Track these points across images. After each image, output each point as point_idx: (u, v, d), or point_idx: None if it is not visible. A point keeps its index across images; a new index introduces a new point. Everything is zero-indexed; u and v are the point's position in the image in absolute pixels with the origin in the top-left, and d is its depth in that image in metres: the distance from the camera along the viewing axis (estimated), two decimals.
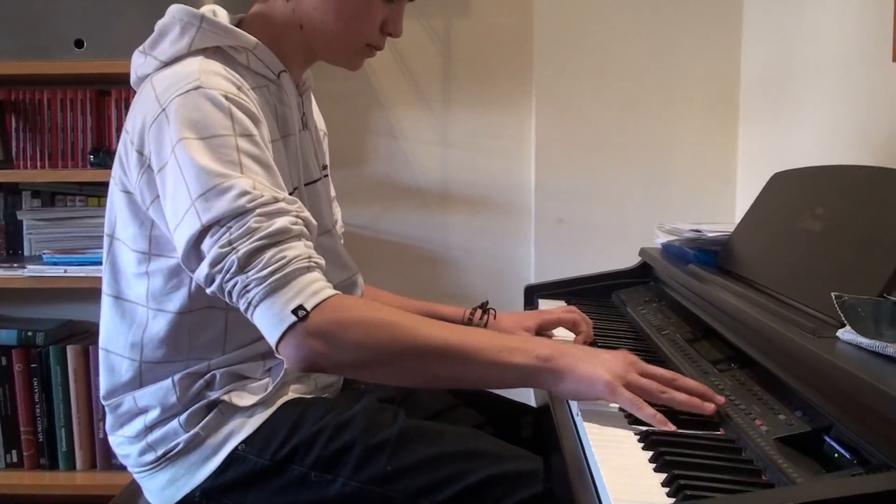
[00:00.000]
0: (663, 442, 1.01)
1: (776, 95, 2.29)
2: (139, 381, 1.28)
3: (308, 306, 1.10)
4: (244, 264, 1.10)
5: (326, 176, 1.50)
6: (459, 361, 1.14)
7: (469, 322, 1.59)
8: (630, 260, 2.01)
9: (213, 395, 1.25)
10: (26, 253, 2.52)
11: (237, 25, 1.31)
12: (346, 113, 2.61)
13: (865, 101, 1.79)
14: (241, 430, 1.24)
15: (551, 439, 1.14)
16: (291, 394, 1.30)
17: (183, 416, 1.24)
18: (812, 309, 1.20)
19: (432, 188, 2.65)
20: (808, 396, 1.04)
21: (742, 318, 1.29)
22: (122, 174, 1.25)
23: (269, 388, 1.26)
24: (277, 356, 1.14)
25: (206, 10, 1.28)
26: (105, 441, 1.36)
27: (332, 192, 1.58)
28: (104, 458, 2.44)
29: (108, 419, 1.32)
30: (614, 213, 2.57)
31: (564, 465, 1.03)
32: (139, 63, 1.30)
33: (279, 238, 1.12)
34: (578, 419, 1.12)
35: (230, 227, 1.11)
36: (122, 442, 1.31)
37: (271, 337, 1.12)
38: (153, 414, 1.26)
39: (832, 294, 1.07)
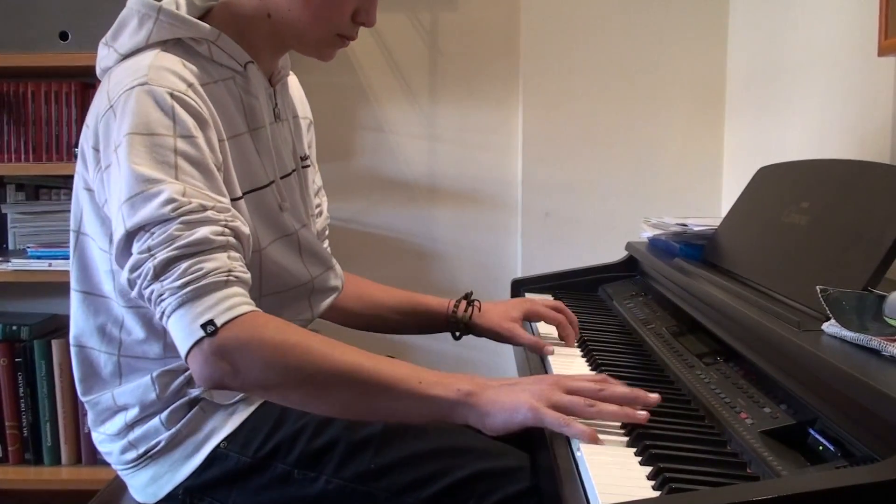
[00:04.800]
0: (649, 435, 1.02)
1: (762, 90, 2.30)
2: (119, 375, 1.26)
3: (218, 322, 1.07)
4: (160, 272, 1.08)
5: (306, 167, 1.47)
6: (374, 390, 1.10)
7: (454, 313, 1.57)
8: (616, 254, 2.02)
9: (194, 393, 1.23)
10: (10, 247, 2.51)
11: (204, 15, 1.28)
12: (333, 106, 2.60)
13: (851, 96, 1.80)
14: (223, 427, 1.22)
15: (537, 434, 1.14)
16: None
17: (164, 414, 1.23)
18: (797, 302, 1.21)
19: (419, 182, 2.65)
20: (792, 389, 1.04)
21: (727, 312, 1.29)
22: (84, 170, 1.24)
23: None
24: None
25: (168, 0, 1.25)
26: (90, 436, 1.36)
27: (319, 182, 1.56)
28: (89, 452, 2.43)
29: (90, 415, 1.31)
30: (601, 207, 2.57)
31: (550, 458, 1.03)
32: (103, 55, 1.28)
33: (198, 248, 1.09)
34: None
35: (153, 233, 1.09)
36: (104, 440, 1.30)
37: (181, 350, 1.09)
38: (133, 412, 1.25)
39: (817, 287, 1.08)
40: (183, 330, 1.08)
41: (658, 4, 2.53)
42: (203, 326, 1.06)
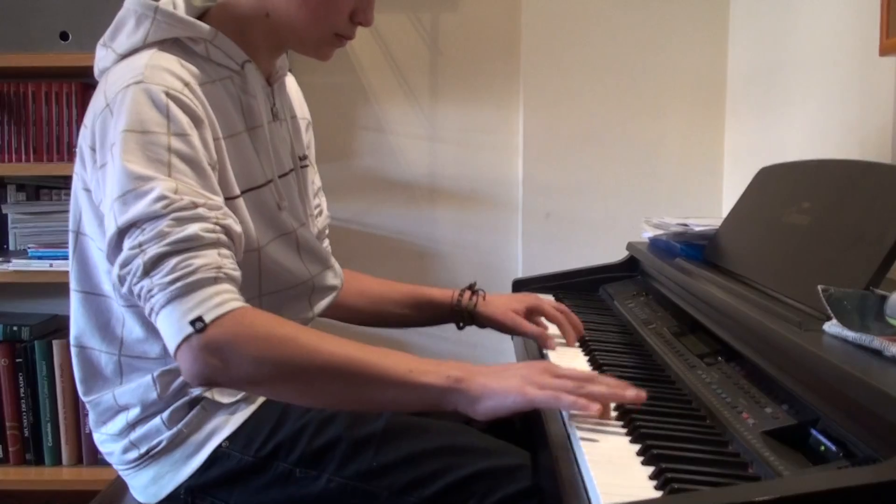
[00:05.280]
0: (651, 435, 1.02)
1: (763, 90, 2.30)
2: (120, 375, 1.26)
3: (207, 318, 1.06)
4: (149, 269, 1.08)
5: (305, 167, 1.47)
6: (365, 380, 1.10)
7: (458, 302, 1.57)
8: (617, 254, 2.02)
9: (195, 392, 1.23)
10: (11, 247, 2.51)
11: (202, 15, 1.29)
12: (334, 107, 2.60)
13: (852, 96, 1.79)
14: (224, 427, 1.23)
15: (539, 434, 1.14)
16: None
17: (165, 414, 1.23)
18: (798, 302, 1.21)
19: (420, 182, 2.65)
20: (794, 390, 1.04)
21: (729, 312, 1.29)
22: (83, 170, 1.24)
23: None
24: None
25: (165, 1, 1.25)
26: (91, 436, 1.36)
27: (318, 183, 1.56)
28: (90, 453, 2.43)
29: (91, 416, 1.32)
30: (602, 207, 2.57)
31: (552, 458, 1.03)
32: (101, 56, 1.28)
33: (188, 245, 1.09)
34: (566, 413, 1.12)
35: (143, 230, 1.09)
36: (106, 440, 1.30)
37: (169, 346, 1.08)
38: (134, 411, 1.25)
39: (818, 287, 1.08)
40: (172, 326, 1.07)
41: (659, 4, 2.53)
42: (192, 323, 1.06)
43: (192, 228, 1.09)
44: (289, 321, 1.15)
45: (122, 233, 1.11)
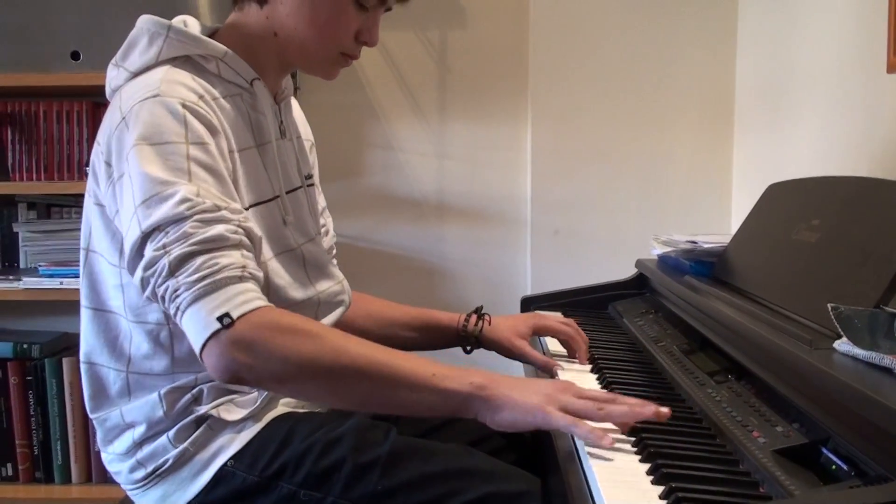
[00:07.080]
0: (661, 454, 1.01)
1: (771, 106, 2.30)
2: (128, 393, 1.26)
3: (234, 314, 1.07)
4: (175, 268, 1.09)
5: (311, 185, 1.48)
6: (389, 383, 1.11)
7: (464, 327, 1.58)
8: (626, 271, 2.01)
9: (202, 410, 1.23)
10: (22, 265, 2.52)
11: (213, 35, 1.31)
12: (342, 124, 2.61)
13: (861, 113, 1.79)
14: (230, 445, 1.22)
15: (548, 453, 1.14)
16: (282, 408, 1.28)
17: (171, 432, 1.23)
18: (808, 320, 1.20)
19: (429, 199, 2.65)
20: (805, 408, 1.03)
21: (738, 330, 1.29)
22: (95, 186, 1.25)
23: (258, 402, 1.25)
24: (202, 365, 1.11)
25: (177, 20, 1.27)
26: (100, 454, 1.36)
27: (323, 202, 1.58)
28: (99, 471, 2.43)
29: (98, 434, 1.31)
30: (610, 224, 2.57)
31: (561, 476, 1.02)
32: (112, 75, 1.30)
33: (214, 245, 1.10)
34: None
35: (167, 232, 1.10)
36: (113, 459, 1.30)
37: (195, 343, 1.09)
38: (140, 429, 1.25)
39: (828, 305, 1.07)
40: (198, 323, 1.08)
41: (666, 20, 2.54)
42: (219, 319, 1.07)
43: (217, 229, 1.11)
44: (314, 321, 1.17)
45: (146, 237, 1.12)
